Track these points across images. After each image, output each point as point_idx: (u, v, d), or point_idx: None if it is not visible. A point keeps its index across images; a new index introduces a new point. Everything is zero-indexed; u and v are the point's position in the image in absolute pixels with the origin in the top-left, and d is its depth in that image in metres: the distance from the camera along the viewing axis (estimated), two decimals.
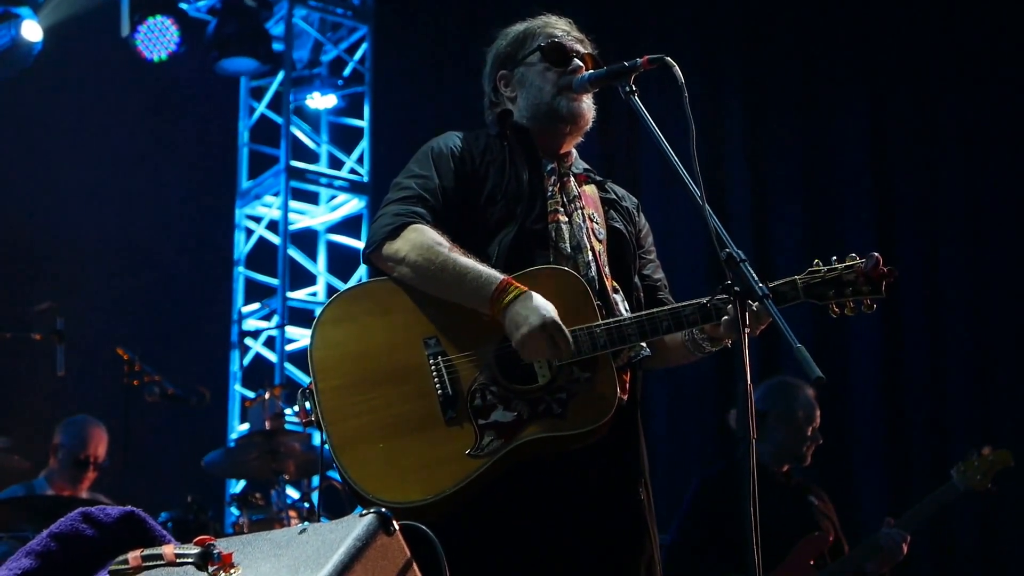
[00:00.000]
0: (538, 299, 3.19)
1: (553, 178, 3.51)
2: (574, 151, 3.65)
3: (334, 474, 3.29)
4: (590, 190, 3.60)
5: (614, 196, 3.67)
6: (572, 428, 3.20)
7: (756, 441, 5.72)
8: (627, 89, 3.28)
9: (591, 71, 3.49)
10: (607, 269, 3.46)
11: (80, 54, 8.65)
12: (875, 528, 5.68)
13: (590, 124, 3.59)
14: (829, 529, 5.76)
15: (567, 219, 3.44)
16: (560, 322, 3.18)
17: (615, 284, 3.46)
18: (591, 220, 3.50)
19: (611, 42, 3.74)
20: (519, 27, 3.67)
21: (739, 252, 2.96)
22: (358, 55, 9.86)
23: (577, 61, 3.53)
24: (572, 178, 3.55)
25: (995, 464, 5.41)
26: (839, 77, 8.15)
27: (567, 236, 3.42)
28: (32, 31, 8.03)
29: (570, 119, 3.52)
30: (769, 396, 5.87)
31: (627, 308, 3.43)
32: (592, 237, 3.46)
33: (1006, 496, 5.78)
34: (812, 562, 5.57)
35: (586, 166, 3.67)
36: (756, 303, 2.98)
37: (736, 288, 2.97)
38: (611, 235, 3.55)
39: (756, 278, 2.94)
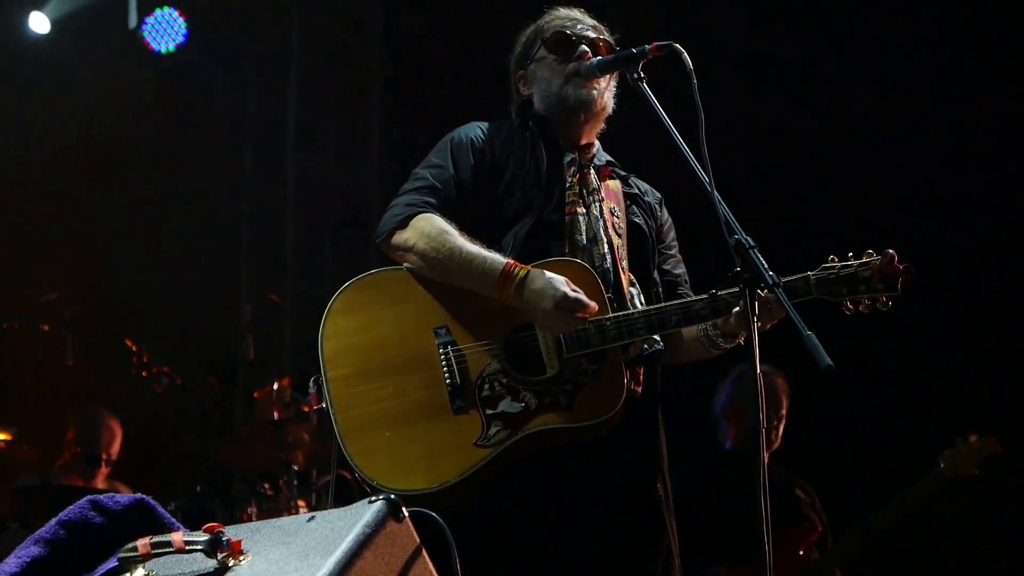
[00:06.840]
0: (544, 276, 3.19)
1: (572, 169, 3.51)
2: (597, 143, 3.64)
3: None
4: (614, 185, 3.59)
5: (637, 191, 3.67)
6: (577, 421, 3.21)
7: (739, 434, 5.77)
8: (635, 76, 3.25)
9: (599, 57, 3.48)
10: (624, 263, 3.45)
11: (87, 46, 8.63)
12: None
13: (607, 111, 3.58)
14: (816, 521, 5.75)
15: (584, 211, 3.44)
16: (574, 290, 3.18)
17: (632, 278, 3.46)
18: (612, 214, 3.49)
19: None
20: (530, 27, 3.69)
21: (748, 239, 2.91)
22: None
23: (583, 47, 3.52)
24: (593, 170, 3.54)
25: (982, 450, 5.38)
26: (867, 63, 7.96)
27: (583, 228, 3.41)
28: (40, 23, 8.02)
29: (579, 107, 3.51)
30: (741, 385, 5.84)
31: (643, 302, 3.42)
32: (611, 230, 3.45)
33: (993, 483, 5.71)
34: (802, 552, 5.55)
35: (609, 159, 3.66)
36: (766, 292, 2.95)
37: (745, 275, 2.93)
38: (631, 229, 3.54)
39: (766, 265, 2.89)
